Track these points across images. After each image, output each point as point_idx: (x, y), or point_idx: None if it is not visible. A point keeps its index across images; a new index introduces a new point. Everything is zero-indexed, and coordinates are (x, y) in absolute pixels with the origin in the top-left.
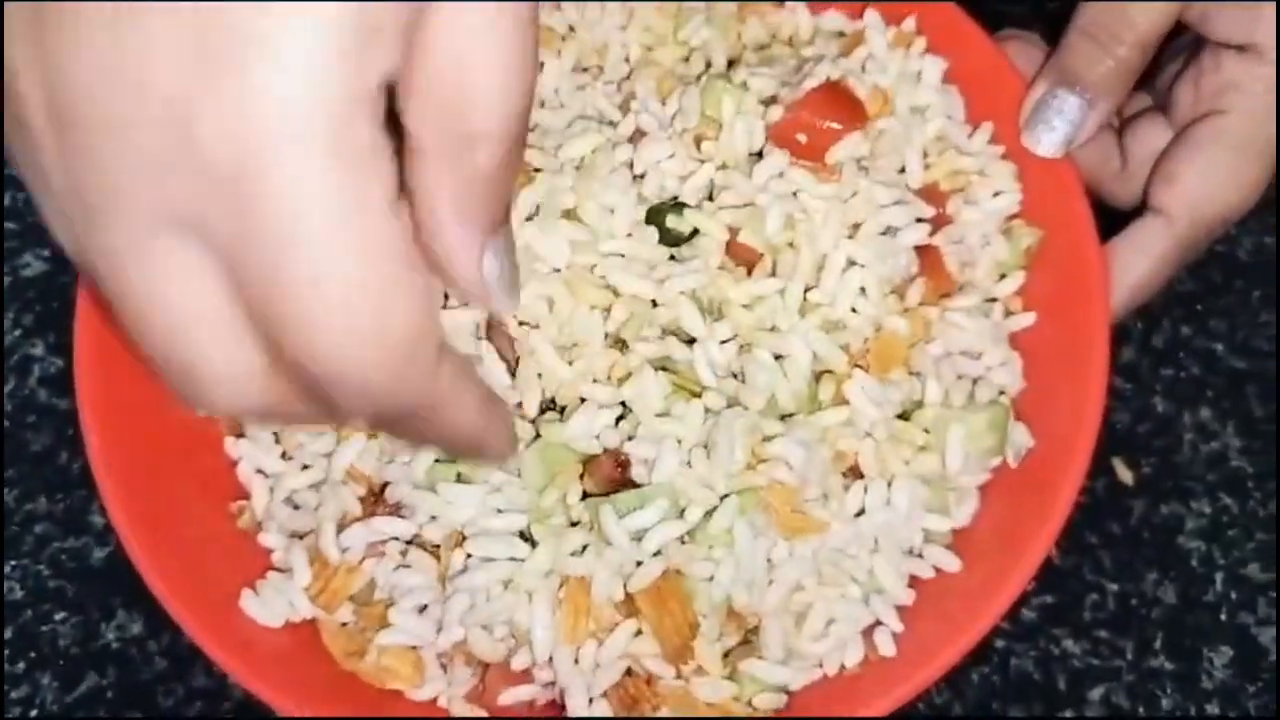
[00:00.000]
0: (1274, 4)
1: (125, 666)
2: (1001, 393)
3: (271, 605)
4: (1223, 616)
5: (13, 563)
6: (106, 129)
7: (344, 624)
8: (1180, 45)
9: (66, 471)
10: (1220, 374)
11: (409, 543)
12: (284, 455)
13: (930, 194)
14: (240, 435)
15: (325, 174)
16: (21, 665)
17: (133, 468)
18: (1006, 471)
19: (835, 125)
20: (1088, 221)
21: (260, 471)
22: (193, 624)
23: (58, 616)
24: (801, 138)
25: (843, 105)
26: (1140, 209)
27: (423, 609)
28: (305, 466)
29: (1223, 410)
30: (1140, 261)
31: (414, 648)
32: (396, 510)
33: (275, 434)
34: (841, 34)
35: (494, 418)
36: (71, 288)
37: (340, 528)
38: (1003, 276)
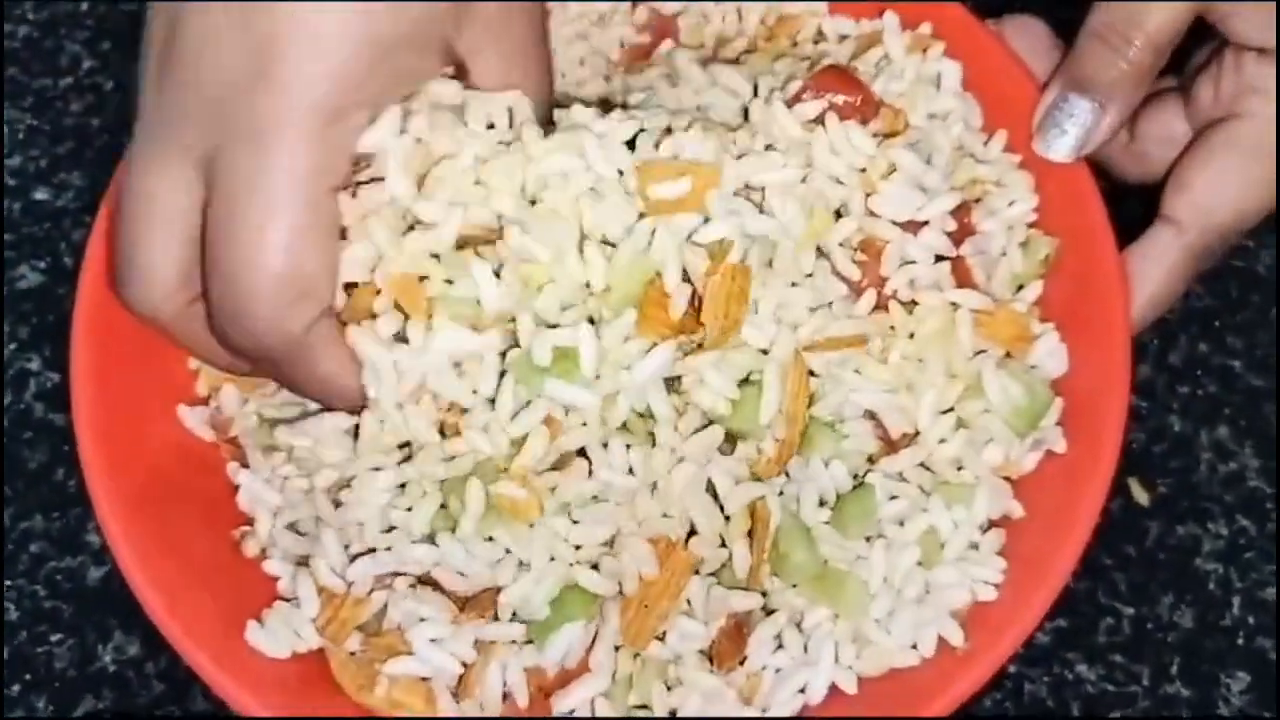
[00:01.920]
0: None
1: (122, 689)
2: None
3: (278, 636)
4: (1240, 641)
5: (8, 583)
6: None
7: (353, 653)
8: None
9: (63, 489)
10: (1238, 392)
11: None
12: (285, 479)
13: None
14: (245, 465)
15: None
16: (17, 688)
17: (131, 494)
18: (1026, 490)
19: (845, 99)
20: (1105, 230)
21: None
22: (199, 657)
23: (54, 638)
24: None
25: (848, 82)
26: (1153, 215)
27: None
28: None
29: (1240, 429)
30: (1153, 272)
31: (425, 679)
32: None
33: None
34: (844, 37)
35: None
36: (68, 300)
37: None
38: (1020, 288)
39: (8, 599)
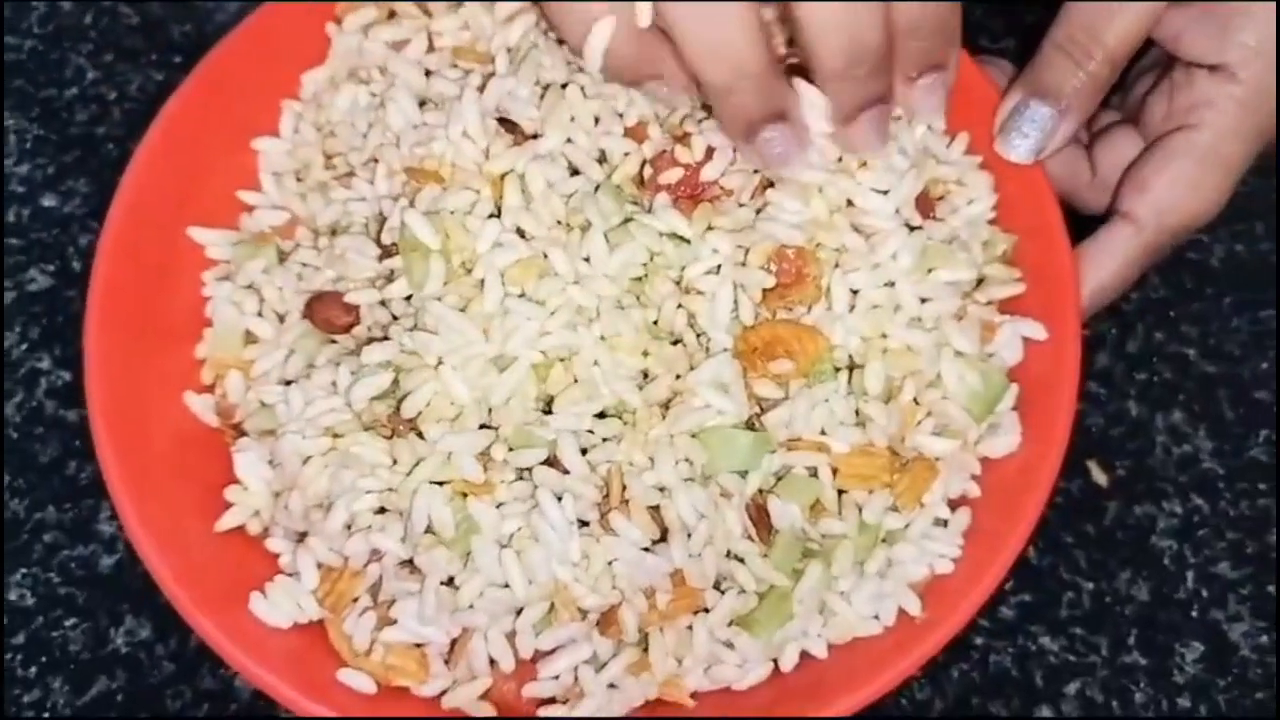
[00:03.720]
0: (1242, 25)
1: (134, 670)
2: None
3: (280, 607)
4: (1194, 613)
5: (23, 571)
6: None
7: (360, 614)
8: (1147, 65)
9: (74, 481)
10: (1192, 378)
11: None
12: (271, 463)
13: (920, 201)
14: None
15: None
16: (33, 670)
17: (143, 476)
18: (982, 471)
19: None
20: (1060, 229)
21: (264, 480)
22: (206, 625)
23: (68, 623)
24: None
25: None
26: (1109, 212)
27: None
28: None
29: (1194, 414)
30: (1108, 264)
31: (419, 645)
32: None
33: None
34: None
35: None
36: (76, 302)
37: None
38: (979, 281)
39: (23, 586)
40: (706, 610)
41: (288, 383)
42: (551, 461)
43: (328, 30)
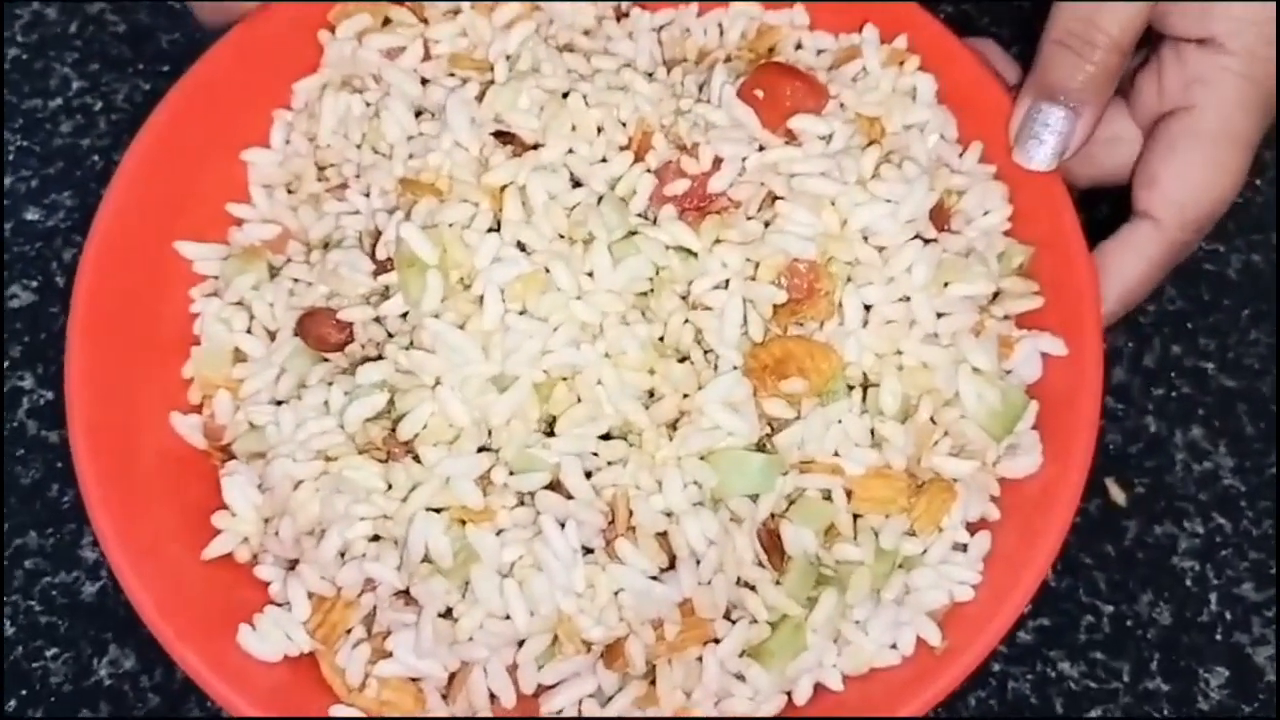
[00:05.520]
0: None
1: (118, 703)
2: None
3: (270, 639)
4: (1218, 636)
5: (3, 598)
6: None
7: (354, 646)
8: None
9: (57, 505)
10: (1211, 393)
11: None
12: (260, 487)
13: (935, 213)
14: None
15: None
16: (13, 703)
17: (126, 501)
18: (1001, 492)
19: (797, 86)
20: (1078, 238)
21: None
22: (192, 659)
23: (49, 653)
24: (759, 93)
25: (789, 75)
26: (1126, 211)
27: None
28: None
29: (1214, 429)
30: (1132, 265)
31: (415, 679)
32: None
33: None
34: (822, 51)
35: None
36: (59, 319)
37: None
38: (995, 294)
39: (4, 615)
40: (716, 641)
41: (278, 403)
42: (554, 486)
43: (320, 38)
